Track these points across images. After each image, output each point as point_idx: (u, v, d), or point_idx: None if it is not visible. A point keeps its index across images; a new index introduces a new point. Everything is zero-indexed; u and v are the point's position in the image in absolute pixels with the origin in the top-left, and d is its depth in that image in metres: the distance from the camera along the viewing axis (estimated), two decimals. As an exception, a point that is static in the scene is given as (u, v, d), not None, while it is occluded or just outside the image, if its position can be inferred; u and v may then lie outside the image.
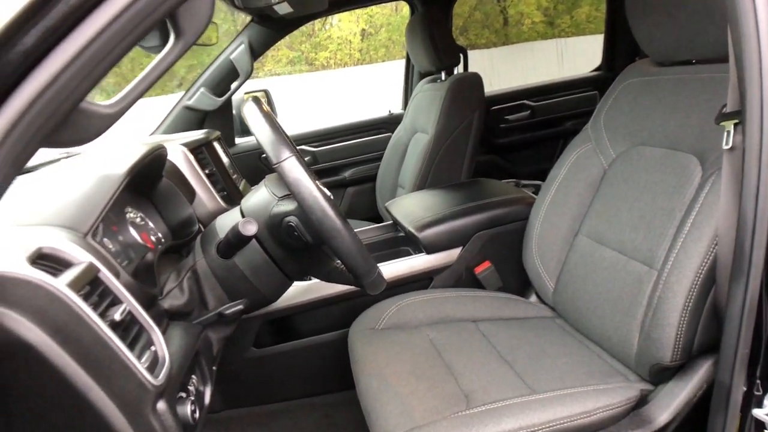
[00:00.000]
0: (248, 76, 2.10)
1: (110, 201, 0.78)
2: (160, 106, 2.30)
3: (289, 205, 0.87)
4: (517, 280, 1.36)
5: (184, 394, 0.73)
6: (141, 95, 0.65)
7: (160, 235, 1.07)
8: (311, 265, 0.97)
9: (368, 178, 2.37)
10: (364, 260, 0.84)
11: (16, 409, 0.55)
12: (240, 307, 0.88)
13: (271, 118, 0.86)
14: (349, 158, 2.41)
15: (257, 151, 2.40)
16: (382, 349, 1.12)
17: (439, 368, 1.04)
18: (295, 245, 0.90)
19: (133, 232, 0.97)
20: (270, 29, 2.01)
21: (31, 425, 0.56)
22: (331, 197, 1.02)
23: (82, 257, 0.65)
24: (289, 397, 1.40)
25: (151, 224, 1.07)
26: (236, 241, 0.85)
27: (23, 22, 0.51)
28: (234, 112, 2.35)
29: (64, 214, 0.72)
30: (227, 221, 0.93)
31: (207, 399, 0.82)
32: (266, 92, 2.64)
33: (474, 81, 1.81)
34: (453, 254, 1.38)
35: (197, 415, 0.72)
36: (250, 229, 0.82)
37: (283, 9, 1.75)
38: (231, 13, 1.99)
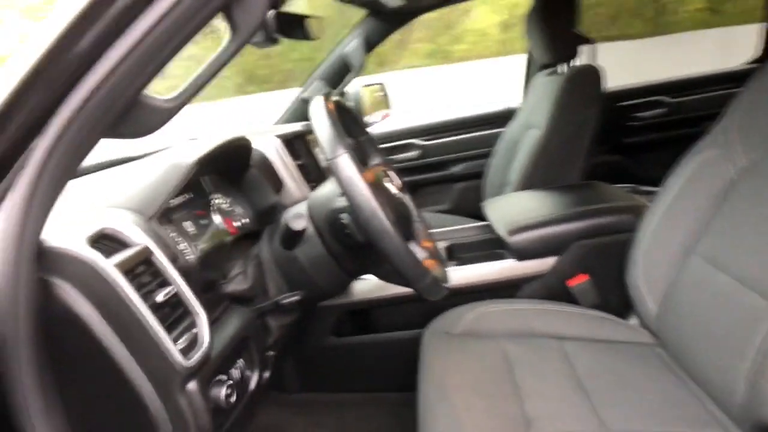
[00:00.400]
0: (360, 70, 2.13)
1: (176, 188, 0.83)
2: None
3: (345, 202, 0.86)
4: (617, 299, 1.21)
5: (224, 377, 0.75)
6: (199, 91, 0.67)
7: (246, 220, 1.12)
8: (370, 264, 0.96)
9: (478, 175, 2.29)
10: (414, 264, 0.80)
11: (67, 377, 0.61)
12: (296, 297, 0.90)
13: (332, 115, 0.85)
14: (459, 153, 2.35)
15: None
16: (451, 357, 1.07)
17: (506, 386, 0.96)
18: (349, 242, 0.89)
19: (216, 217, 1.03)
20: (384, 22, 2.02)
21: (77, 393, 0.62)
22: (401, 196, 0.99)
23: (139, 240, 0.70)
24: (362, 389, 1.40)
25: (237, 210, 1.13)
26: (288, 234, 0.86)
27: (82, 24, 0.55)
28: (350, 104, 2.41)
29: (134, 199, 0.78)
30: (294, 213, 0.95)
31: (252, 384, 0.84)
32: (382, 85, 2.68)
33: (591, 74, 1.64)
34: (546, 263, 1.27)
35: (233, 399, 0.74)
36: (298, 224, 0.83)
37: (394, 1, 1.74)
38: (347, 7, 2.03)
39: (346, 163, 0.77)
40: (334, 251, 0.91)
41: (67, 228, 0.67)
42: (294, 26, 1.31)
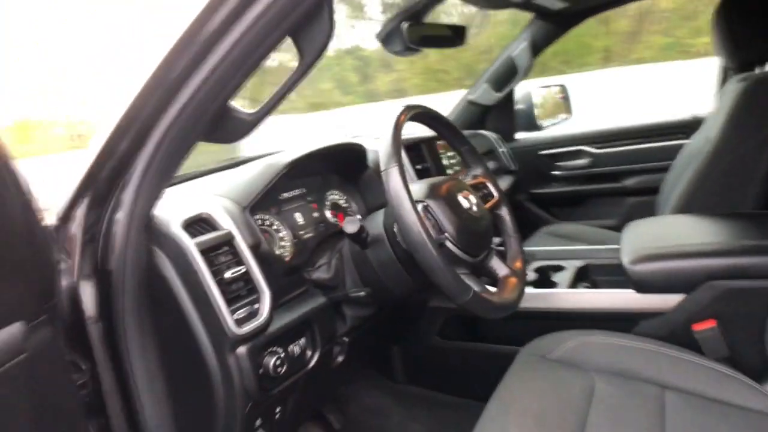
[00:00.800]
0: (526, 73, 2.09)
1: (267, 185, 0.98)
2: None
3: None
4: (753, 356, 1.01)
5: (279, 350, 0.87)
6: (273, 108, 0.80)
7: (359, 216, 1.24)
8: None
9: (653, 190, 2.04)
10: (453, 279, 0.80)
11: (156, 325, 0.80)
12: (362, 293, 0.97)
13: (398, 129, 0.90)
14: (634, 164, 2.13)
15: (535, 147, 2.37)
16: (532, 380, 1.04)
17: (572, 423, 0.90)
18: (403, 250, 0.92)
19: (327, 211, 1.17)
20: (552, 25, 1.94)
21: (162, 339, 0.79)
22: (477, 211, 0.98)
23: (226, 225, 0.86)
24: (459, 393, 1.41)
25: (353, 206, 1.26)
26: (348, 235, 0.94)
27: (178, 51, 0.71)
28: (520, 106, 2.37)
29: (234, 190, 0.95)
30: (376, 214, 1.02)
31: (312, 363, 0.94)
32: (563, 87, 2.55)
33: (784, 81, 1.33)
34: (670, 300, 1.12)
35: (282, 369, 0.86)
36: (350, 227, 0.90)
37: (555, 4, 1.66)
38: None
39: (393, 176, 0.82)
40: (399, 256, 0.96)
41: (177, 209, 0.86)
42: (428, 36, 1.37)
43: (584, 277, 1.47)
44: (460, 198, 0.95)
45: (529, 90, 2.36)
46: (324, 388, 1.14)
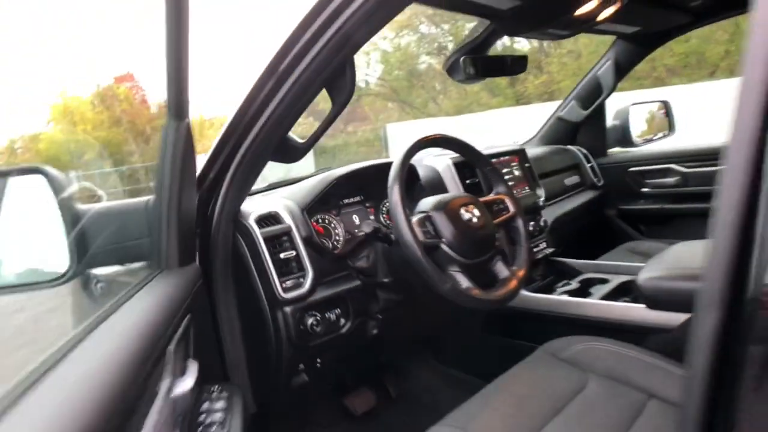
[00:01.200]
0: (611, 92, 2.14)
1: (320, 193, 1.27)
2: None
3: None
4: None
5: (317, 314, 1.16)
6: (317, 139, 1.09)
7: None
8: None
9: None
10: (432, 272, 1.01)
11: (237, 285, 1.13)
12: (386, 280, 1.22)
13: (410, 153, 1.12)
14: None
15: (627, 164, 2.38)
16: (534, 372, 1.19)
17: (546, 411, 1.04)
18: None
19: (382, 215, 1.45)
20: (635, 45, 1.98)
21: (238, 296, 1.12)
22: (480, 224, 1.16)
23: (287, 221, 1.18)
24: None
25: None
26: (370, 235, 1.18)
27: (247, 104, 1.02)
28: (615, 122, 2.40)
29: (299, 195, 1.26)
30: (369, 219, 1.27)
31: (344, 329, 1.22)
32: (664, 104, 2.51)
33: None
34: (677, 318, 1.19)
35: (318, 329, 1.15)
36: (366, 228, 1.15)
37: (625, 29, 1.73)
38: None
39: (395, 192, 1.05)
40: None
41: (256, 207, 1.19)
42: (486, 68, 1.56)
43: (628, 292, 1.55)
44: (462, 211, 1.14)
45: (627, 106, 2.37)
46: (362, 354, 1.40)
